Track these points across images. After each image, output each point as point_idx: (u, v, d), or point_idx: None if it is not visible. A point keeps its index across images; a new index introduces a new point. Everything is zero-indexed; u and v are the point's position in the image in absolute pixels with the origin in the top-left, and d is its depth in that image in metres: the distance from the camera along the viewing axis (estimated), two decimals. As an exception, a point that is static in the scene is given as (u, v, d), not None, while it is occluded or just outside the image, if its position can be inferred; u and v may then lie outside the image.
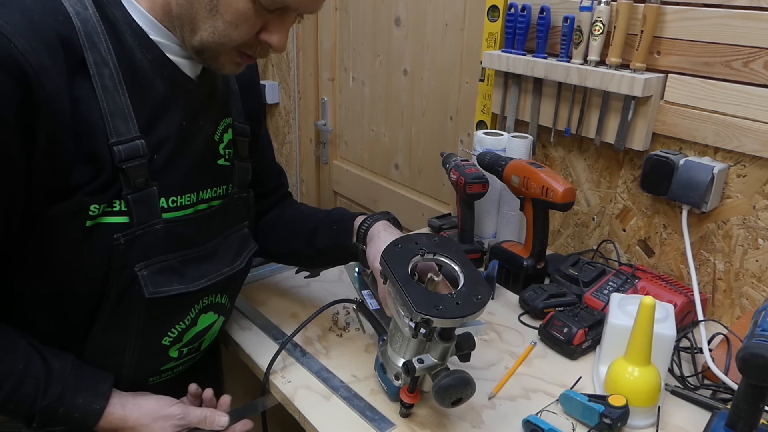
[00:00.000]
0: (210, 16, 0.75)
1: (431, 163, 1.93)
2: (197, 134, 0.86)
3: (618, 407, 0.86)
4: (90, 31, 0.73)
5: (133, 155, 0.76)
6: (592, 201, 1.41)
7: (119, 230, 0.78)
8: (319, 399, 0.95)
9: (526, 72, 1.37)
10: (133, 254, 0.80)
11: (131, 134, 0.76)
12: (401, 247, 0.90)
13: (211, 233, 0.91)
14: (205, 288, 0.89)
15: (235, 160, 0.95)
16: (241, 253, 0.97)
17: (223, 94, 0.92)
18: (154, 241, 0.82)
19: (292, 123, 2.52)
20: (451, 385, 0.81)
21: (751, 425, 0.79)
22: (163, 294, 0.83)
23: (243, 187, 0.98)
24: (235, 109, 0.95)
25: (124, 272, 0.80)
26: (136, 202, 0.78)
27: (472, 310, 0.81)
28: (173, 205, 0.84)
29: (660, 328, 0.92)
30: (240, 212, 0.98)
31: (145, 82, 0.78)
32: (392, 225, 1.01)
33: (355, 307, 1.11)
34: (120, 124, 0.75)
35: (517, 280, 1.27)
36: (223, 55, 0.80)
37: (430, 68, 1.84)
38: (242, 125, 0.96)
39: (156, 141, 0.80)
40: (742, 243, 1.16)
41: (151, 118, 0.79)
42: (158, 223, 0.81)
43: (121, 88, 0.75)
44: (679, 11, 1.15)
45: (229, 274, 0.94)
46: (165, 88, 0.80)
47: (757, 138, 1.09)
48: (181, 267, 0.86)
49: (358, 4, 2.05)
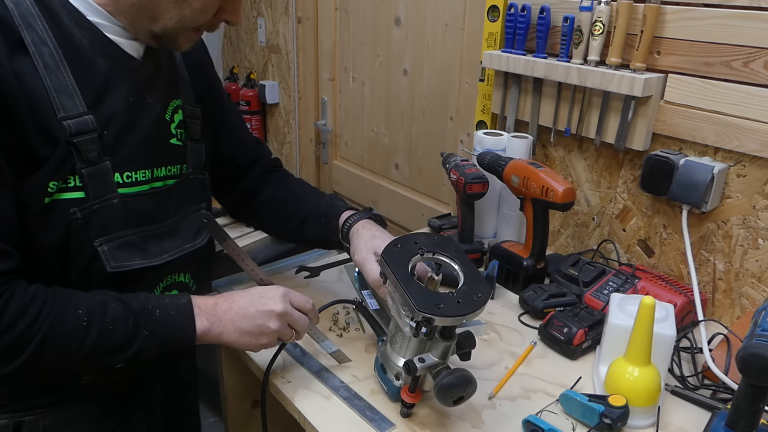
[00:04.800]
0: (176, 5, 0.79)
1: (431, 163, 1.93)
2: (146, 111, 0.87)
3: (618, 407, 0.86)
4: (24, 12, 0.75)
5: (83, 130, 0.78)
6: (592, 201, 1.41)
7: (76, 205, 0.80)
8: (319, 399, 0.95)
9: (526, 72, 1.37)
10: (91, 229, 0.82)
11: (78, 110, 0.78)
12: (401, 246, 0.90)
13: (170, 211, 0.93)
14: (167, 263, 0.92)
15: (188, 141, 0.96)
16: (202, 232, 0.99)
17: (170, 76, 0.94)
18: (112, 216, 0.83)
19: (292, 123, 2.52)
20: (452, 383, 0.82)
21: (751, 425, 0.79)
22: (125, 268, 0.85)
23: (198, 169, 0.99)
24: (185, 93, 0.97)
25: (84, 247, 0.82)
26: (90, 176, 0.80)
27: (473, 308, 0.81)
28: (128, 180, 0.85)
29: (660, 328, 0.92)
30: (196, 193, 1.00)
31: (86, 60, 0.80)
32: (374, 222, 1.04)
33: (354, 307, 1.11)
34: (66, 100, 0.77)
35: (517, 280, 1.27)
36: (181, 35, 0.84)
37: (430, 68, 1.84)
38: (193, 108, 0.98)
39: (104, 117, 0.81)
40: (742, 243, 1.16)
41: (96, 94, 0.81)
42: (114, 198, 0.83)
43: (63, 66, 0.77)
44: (679, 11, 1.15)
45: (191, 250, 0.96)
46: (108, 66, 0.82)
47: (757, 138, 1.09)
48: (142, 243, 0.88)
49: (358, 4, 2.06)
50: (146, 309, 0.83)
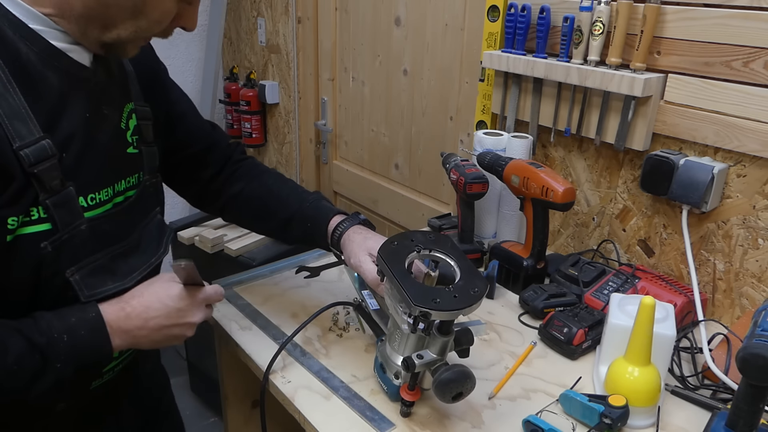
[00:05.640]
0: (132, 16, 0.75)
1: (431, 163, 1.93)
2: (103, 125, 0.83)
3: (618, 407, 0.86)
4: None
5: (42, 157, 0.72)
6: (592, 201, 1.41)
7: (44, 238, 0.75)
8: (319, 399, 0.95)
9: (526, 72, 1.37)
10: (63, 260, 0.78)
11: (34, 135, 0.72)
12: (397, 244, 0.90)
13: (132, 225, 0.90)
14: (139, 281, 0.88)
15: (142, 146, 0.92)
16: (162, 240, 0.96)
17: (120, 77, 0.89)
18: (81, 243, 0.79)
19: (292, 123, 2.52)
20: (451, 379, 0.82)
21: (751, 425, 0.80)
22: (99, 295, 0.82)
23: (152, 173, 0.96)
24: (134, 91, 0.92)
25: (55, 279, 0.78)
26: (56, 205, 0.75)
27: (470, 302, 0.81)
28: (92, 202, 0.81)
29: (660, 328, 0.92)
30: (152, 199, 0.96)
31: (37, 77, 0.74)
32: (364, 227, 1.02)
33: (354, 307, 1.11)
34: (20, 126, 0.71)
35: (517, 280, 1.27)
36: (131, 44, 0.80)
37: (430, 68, 1.84)
38: (143, 107, 0.93)
39: (62, 138, 0.76)
40: (742, 243, 1.16)
41: (51, 115, 0.75)
42: (82, 224, 0.79)
43: (12, 87, 0.71)
44: (679, 11, 1.15)
45: (157, 263, 0.94)
46: (59, 81, 0.76)
47: (757, 138, 1.09)
48: (111, 264, 0.85)
49: (358, 4, 2.06)
50: (52, 339, 0.75)
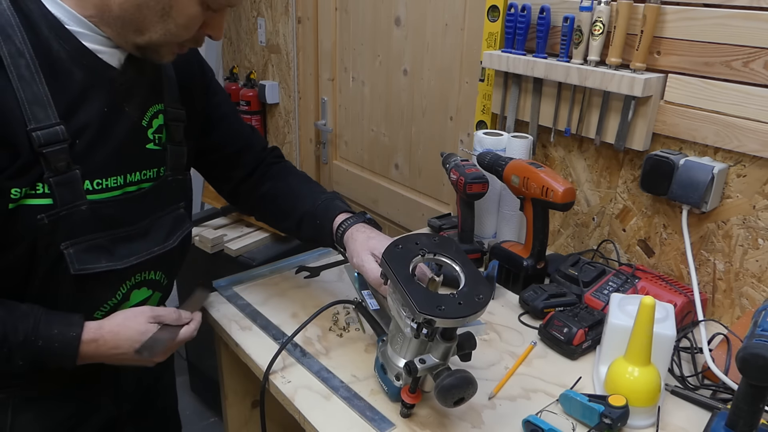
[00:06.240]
0: (162, 20, 0.81)
1: (431, 163, 1.93)
2: (121, 120, 0.89)
3: (618, 407, 0.86)
4: (3, 24, 0.77)
5: (52, 140, 0.80)
6: (592, 201, 1.41)
7: (42, 211, 0.82)
8: (319, 399, 0.95)
9: (526, 72, 1.37)
10: (58, 233, 0.84)
11: (50, 120, 0.80)
12: (402, 247, 0.90)
13: (143, 213, 0.95)
14: (134, 266, 0.94)
15: (168, 144, 0.98)
16: (174, 233, 1.01)
17: (155, 80, 0.95)
18: (80, 221, 0.85)
19: (292, 123, 2.52)
20: (453, 385, 0.82)
21: (751, 425, 0.80)
22: (88, 271, 0.88)
23: (178, 170, 1.01)
24: (170, 94, 0.98)
25: (50, 250, 0.84)
26: (58, 184, 0.82)
27: (474, 309, 0.81)
28: (98, 187, 0.87)
29: (660, 328, 0.92)
30: (175, 194, 1.02)
31: (62, 71, 0.82)
32: (368, 225, 1.05)
33: (354, 307, 1.11)
34: (38, 111, 0.79)
35: (517, 280, 1.27)
36: (164, 48, 0.86)
37: (430, 68, 1.84)
38: (177, 110, 0.99)
39: (77, 127, 0.83)
40: (742, 243, 1.16)
41: (70, 105, 0.82)
42: (83, 204, 0.85)
43: (38, 77, 0.79)
44: (679, 11, 1.15)
45: (161, 253, 0.98)
46: (84, 77, 0.83)
47: (757, 138, 1.09)
48: (110, 245, 0.90)
49: (358, 4, 2.05)
50: (29, 340, 0.83)
